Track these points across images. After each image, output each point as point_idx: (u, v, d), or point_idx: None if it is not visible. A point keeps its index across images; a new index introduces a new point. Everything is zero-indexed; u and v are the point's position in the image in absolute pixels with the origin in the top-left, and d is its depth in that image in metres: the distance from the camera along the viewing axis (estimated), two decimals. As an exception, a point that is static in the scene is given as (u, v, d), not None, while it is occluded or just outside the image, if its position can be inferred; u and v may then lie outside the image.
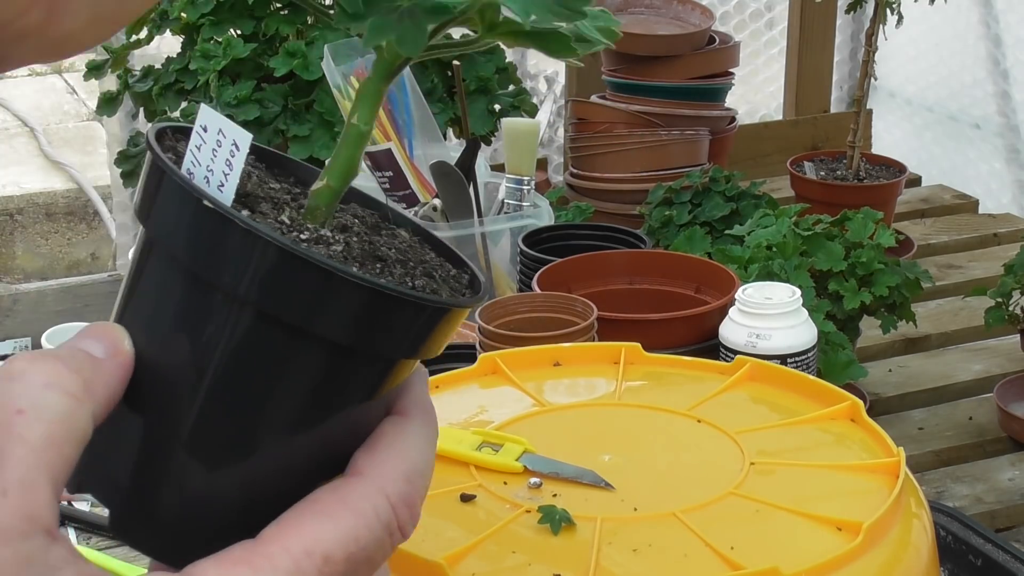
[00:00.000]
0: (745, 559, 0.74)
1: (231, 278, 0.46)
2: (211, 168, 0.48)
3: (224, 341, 0.47)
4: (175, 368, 0.48)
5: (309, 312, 0.46)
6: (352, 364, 0.48)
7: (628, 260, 1.62)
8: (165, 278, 0.48)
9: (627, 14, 2.44)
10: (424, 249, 0.54)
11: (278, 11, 2.31)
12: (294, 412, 0.48)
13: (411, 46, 0.44)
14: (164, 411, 0.48)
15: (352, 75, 1.72)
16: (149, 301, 0.49)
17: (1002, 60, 2.87)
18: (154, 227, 0.48)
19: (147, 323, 0.49)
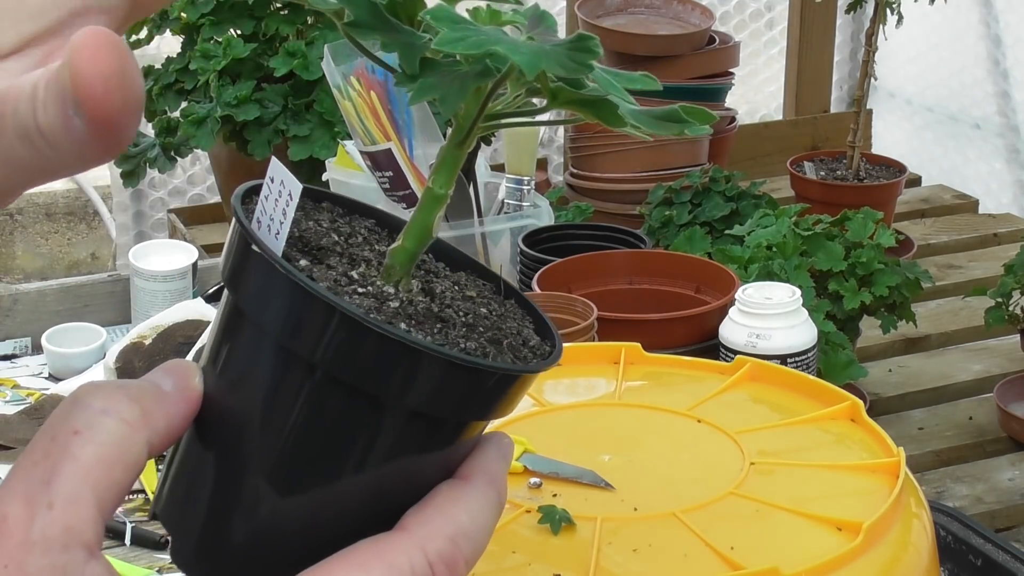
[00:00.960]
0: (745, 559, 0.74)
1: (294, 336, 0.47)
2: (272, 217, 0.49)
3: (293, 396, 0.48)
4: (248, 414, 0.49)
5: (364, 373, 0.47)
6: (391, 418, 0.49)
7: (628, 260, 1.62)
8: (243, 331, 0.50)
9: (627, 14, 2.44)
10: (517, 320, 0.54)
11: (278, 11, 2.31)
12: (355, 464, 0.49)
13: (451, 105, 0.47)
14: (236, 452, 0.50)
15: (352, 75, 1.72)
16: (222, 344, 0.51)
17: (1002, 60, 2.87)
18: (225, 274, 0.50)
19: (220, 365, 0.50)
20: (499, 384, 0.49)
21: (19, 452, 1.55)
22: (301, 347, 0.47)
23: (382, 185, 1.74)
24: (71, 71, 0.42)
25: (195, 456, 0.50)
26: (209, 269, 1.89)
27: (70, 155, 0.44)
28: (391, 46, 0.48)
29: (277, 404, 0.48)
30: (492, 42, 0.45)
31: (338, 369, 0.47)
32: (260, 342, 0.49)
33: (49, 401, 1.62)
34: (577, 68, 0.46)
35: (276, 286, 0.47)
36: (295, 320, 0.47)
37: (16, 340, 1.86)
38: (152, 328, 1.65)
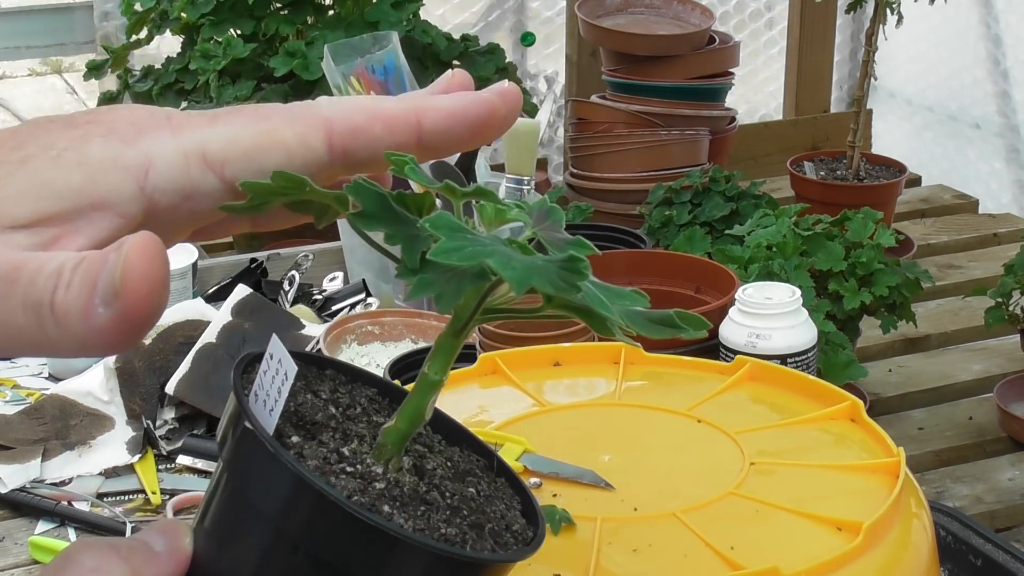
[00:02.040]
0: (745, 559, 0.74)
1: (280, 514, 0.49)
2: (268, 393, 0.51)
3: (276, 570, 0.50)
4: (225, 572, 0.50)
5: (317, 541, 0.48)
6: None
7: (628, 260, 1.62)
8: (230, 497, 0.51)
9: (627, 14, 2.44)
10: (505, 501, 0.54)
11: (278, 11, 2.31)
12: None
13: (446, 303, 0.48)
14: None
15: (352, 75, 1.72)
16: (214, 508, 0.52)
17: (1002, 60, 2.87)
18: (224, 453, 0.51)
19: (210, 527, 0.51)
20: (474, 571, 0.50)
21: (19, 452, 1.55)
22: (286, 524, 0.48)
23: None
24: (124, 267, 0.45)
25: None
26: (209, 269, 1.89)
27: (75, 338, 0.46)
28: (395, 238, 0.50)
29: (247, 564, 0.50)
30: (486, 255, 0.47)
31: (318, 549, 0.48)
32: (247, 512, 0.50)
33: (49, 401, 1.62)
34: (566, 288, 0.48)
35: (264, 463, 0.48)
36: (281, 498, 0.48)
37: (16, 340, 1.86)
38: (152, 328, 1.65)
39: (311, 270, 1.88)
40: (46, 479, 1.52)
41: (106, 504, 1.48)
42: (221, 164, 0.51)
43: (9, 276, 0.46)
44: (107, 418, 1.60)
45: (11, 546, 1.44)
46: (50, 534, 1.44)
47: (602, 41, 2.40)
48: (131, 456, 1.55)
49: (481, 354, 0.99)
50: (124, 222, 0.49)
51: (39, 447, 1.56)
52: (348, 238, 1.95)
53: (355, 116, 0.52)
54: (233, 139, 0.51)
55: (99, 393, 1.62)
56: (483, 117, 0.53)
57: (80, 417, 1.60)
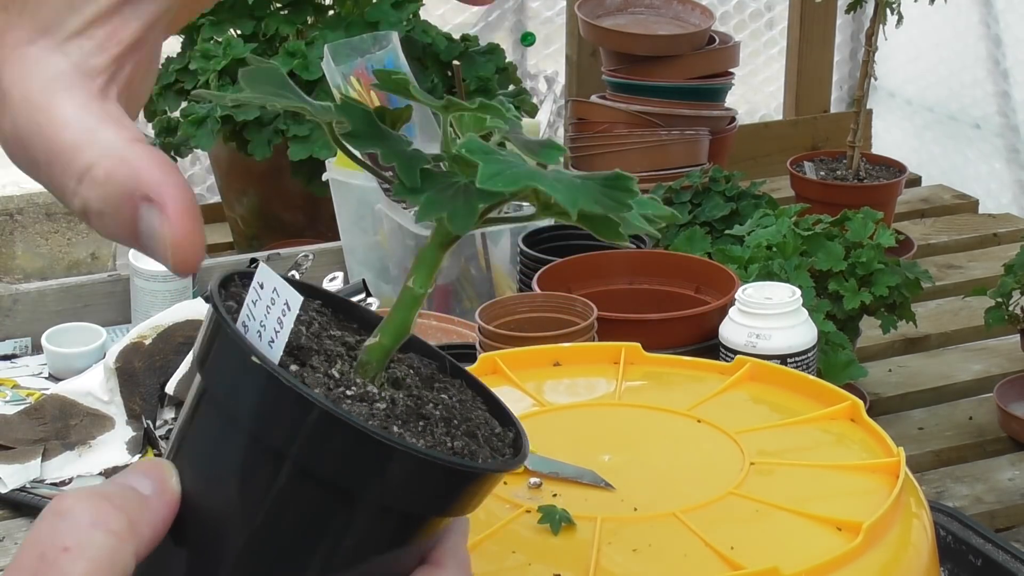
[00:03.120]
0: (745, 559, 0.74)
1: (273, 433, 0.48)
2: (263, 324, 0.50)
3: (263, 491, 0.49)
4: (220, 510, 0.49)
5: (345, 471, 0.48)
6: (385, 519, 0.49)
7: (628, 260, 1.62)
8: (214, 424, 0.50)
9: (627, 14, 2.44)
10: (475, 404, 0.55)
11: (278, 11, 2.31)
12: (327, 559, 0.49)
13: (461, 224, 0.47)
14: (207, 549, 0.50)
15: (352, 75, 1.72)
16: (199, 443, 0.51)
17: (1002, 60, 2.87)
18: (206, 375, 0.50)
19: (197, 464, 0.50)
20: (485, 481, 0.51)
21: (19, 452, 1.55)
22: (304, 458, 0.48)
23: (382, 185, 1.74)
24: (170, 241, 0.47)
25: (164, 554, 0.50)
26: (209, 269, 1.89)
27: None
28: (389, 156, 0.49)
29: (250, 497, 0.49)
30: (532, 178, 0.45)
31: (341, 478, 0.48)
32: (252, 448, 0.49)
33: (49, 401, 1.62)
34: (616, 207, 0.47)
35: (280, 399, 0.47)
36: (304, 433, 0.47)
37: (16, 340, 1.86)
38: (152, 328, 1.65)
39: (311, 270, 1.88)
40: (46, 479, 1.52)
41: (106, 504, 1.48)
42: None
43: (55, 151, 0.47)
44: (107, 418, 1.60)
45: (11, 546, 1.44)
46: (50, 534, 1.44)
47: (602, 41, 2.40)
48: (131, 456, 1.55)
49: (481, 354, 0.99)
50: (159, 5, 0.49)
51: (39, 447, 1.56)
52: (348, 238, 1.95)
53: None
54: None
55: (99, 393, 1.62)
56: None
57: (80, 417, 1.60)
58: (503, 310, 1.43)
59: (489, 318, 1.40)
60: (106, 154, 0.47)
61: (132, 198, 0.47)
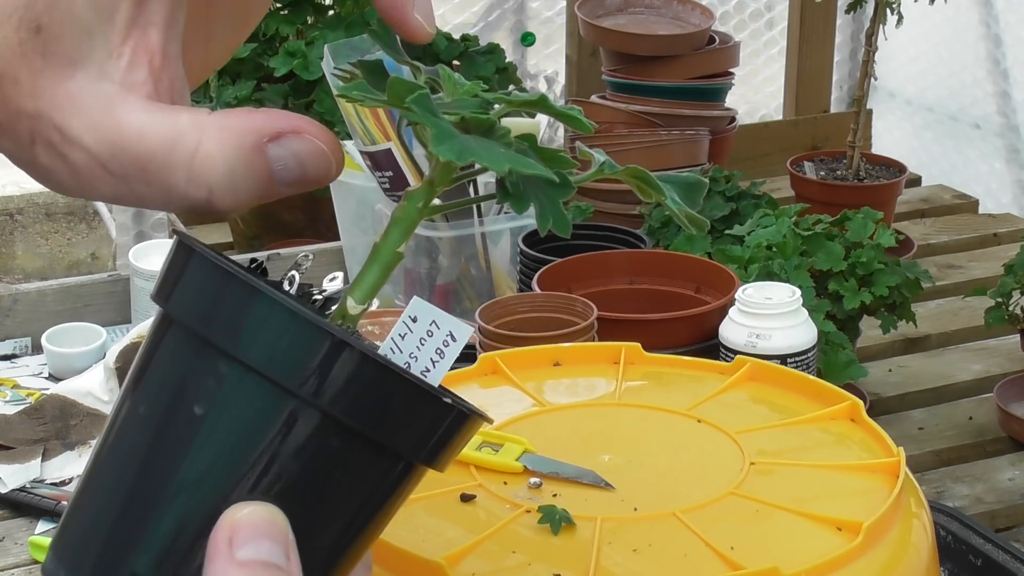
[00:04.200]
0: (745, 559, 0.74)
1: (302, 380, 0.47)
2: (415, 355, 0.50)
3: (282, 440, 0.48)
4: (235, 462, 0.48)
5: (368, 411, 0.48)
6: (387, 464, 0.50)
7: (628, 260, 1.62)
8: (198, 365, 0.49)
9: (627, 14, 2.44)
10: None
11: (278, 11, 2.31)
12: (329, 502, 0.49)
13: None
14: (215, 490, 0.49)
15: (352, 75, 1.72)
16: (167, 383, 0.50)
17: (1002, 60, 2.87)
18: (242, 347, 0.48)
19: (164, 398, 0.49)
20: (465, 423, 0.51)
21: (19, 452, 1.55)
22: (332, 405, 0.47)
23: (382, 185, 1.74)
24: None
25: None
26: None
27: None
28: (498, 161, 0.48)
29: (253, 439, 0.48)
30: (471, 152, 0.47)
31: (347, 412, 0.48)
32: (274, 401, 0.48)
33: (49, 401, 1.62)
34: (695, 205, 0.52)
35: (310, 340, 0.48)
36: (339, 378, 0.47)
37: (16, 340, 1.86)
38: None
39: (311, 270, 1.87)
40: (46, 479, 1.52)
41: (106, 504, 1.48)
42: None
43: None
44: (107, 418, 1.60)
45: (11, 546, 1.44)
46: (50, 534, 1.44)
47: (602, 41, 2.40)
48: (131, 456, 1.55)
49: (481, 354, 0.99)
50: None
51: (39, 447, 1.56)
52: (348, 238, 1.95)
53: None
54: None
55: (99, 393, 1.62)
56: None
57: (80, 417, 1.60)
58: (503, 310, 1.43)
59: (489, 318, 1.40)
60: (203, 132, 0.47)
61: (259, 147, 0.47)
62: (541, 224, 0.49)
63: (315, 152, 0.48)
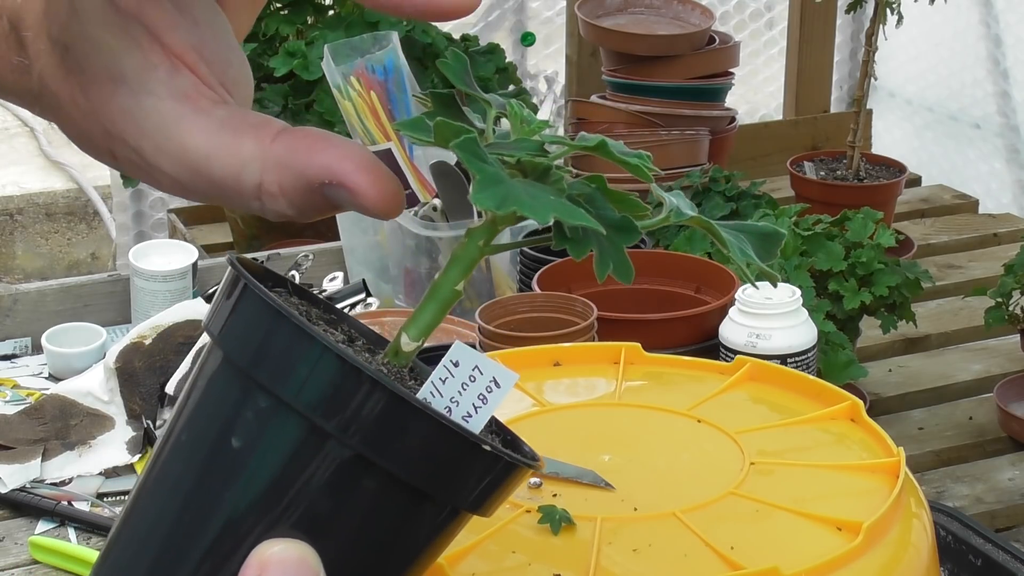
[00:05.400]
0: (745, 559, 0.74)
1: (340, 421, 0.47)
2: (455, 400, 0.50)
3: (314, 474, 0.48)
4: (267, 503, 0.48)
5: (403, 454, 0.48)
6: (427, 509, 0.49)
7: (628, 260, 1.62)
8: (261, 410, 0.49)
9: (627, 14, 2.44)
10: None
11: (278, 11, 2.31)
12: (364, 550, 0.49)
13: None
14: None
15: (352, 75, 1.72)
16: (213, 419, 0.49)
17: (1002, 60, 2.87)
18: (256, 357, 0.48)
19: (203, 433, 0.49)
20: (512, 474, 0.51)
21: (19, 452, 1.55)
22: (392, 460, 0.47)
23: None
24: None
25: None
26: (209, 269, 1.89)
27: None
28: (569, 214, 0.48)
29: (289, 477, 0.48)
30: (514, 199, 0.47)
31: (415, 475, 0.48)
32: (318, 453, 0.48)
33: (49, 401, 1.62)
34: (770, 257, 0.54)
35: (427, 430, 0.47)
36: (409, 442, 0.47)
37: (16, 340, 1.86)
38: (152, 328, 1.65)
39: (311, 270, 1.88)
40: (46, 479, 1.52)
41: (106, 504, 1.48)
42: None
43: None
44: (107, 418, 1.60)
45: (11, 546, 1.44)
46: (50, 534, 1.44)
47: (602, 41, 2.40)
48: (131, 456, 1.55)
49: (481, 354, 0.99)
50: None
51: (39, 447, 1.56)
52: (348, 238, 1.95)
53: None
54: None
55: (99, 393, 1.62)
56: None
57: (80, 417, 1.60)
58: (503, 310, 1.43)
59: (489, 318, 1.40)
60: (263, 166, 0.47)
61: (314, 191, 0.48)
62: (599, 271, 0.49)
63: (366, 204, 0.49)
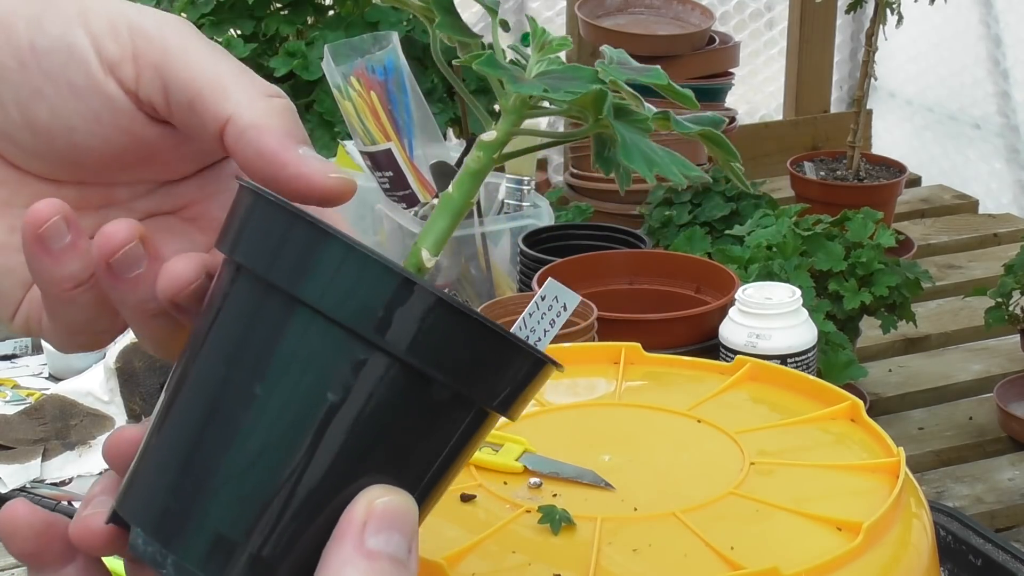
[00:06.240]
0: (745, 559, 0.74)
1: (387, 331, 0.47)
2: (533, 329, 0.54)
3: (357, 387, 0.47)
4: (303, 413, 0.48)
5: (452, 364, 0.48)
6: (459, 409, 0.49)
7: (628, 260, 1.62)
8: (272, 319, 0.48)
9: (627, 14, 2.44)
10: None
11: (278, 11, 2.31)
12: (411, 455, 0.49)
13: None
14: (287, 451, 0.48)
15: (352, 75, 1.72)
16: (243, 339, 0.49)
17: (1002, 60, 2.87)
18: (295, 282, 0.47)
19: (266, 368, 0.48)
20: (540, 371, 0.52)
21: (19, 452, 1.55)
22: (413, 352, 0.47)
23: (382, 185, 1.74)
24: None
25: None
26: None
27: None
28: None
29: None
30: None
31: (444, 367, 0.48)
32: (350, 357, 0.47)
33: (49, 401, 1.62)
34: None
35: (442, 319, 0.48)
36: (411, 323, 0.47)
37: (16, 340, 1.86)
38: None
39: (311, 270, 1.88)
40: (46, 479, 1.52)
41: (106, 504, 1.48)
42: None
43: None
44: (107, 418, 1.60)
45: (11, 546, 1.44)
46: (50, 534, 1.44)
47: (602, 41, 2.40)
48: (131, 456, 1.55)
49: (481, 354, 0.99)
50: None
51: (39, 447, 1.56)
52: (348, 238, 1.94)
53: None
54: None
55: (99, 393, 1.62)
56: None
57: (80, 417, 1.60)
58: (503, 310, 1.43)
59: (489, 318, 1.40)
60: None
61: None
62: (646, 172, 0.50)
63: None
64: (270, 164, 0.49)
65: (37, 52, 0.51)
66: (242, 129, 0.49)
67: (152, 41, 0.51)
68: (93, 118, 0.51)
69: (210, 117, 0.50)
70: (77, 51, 0.51)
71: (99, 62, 0.51)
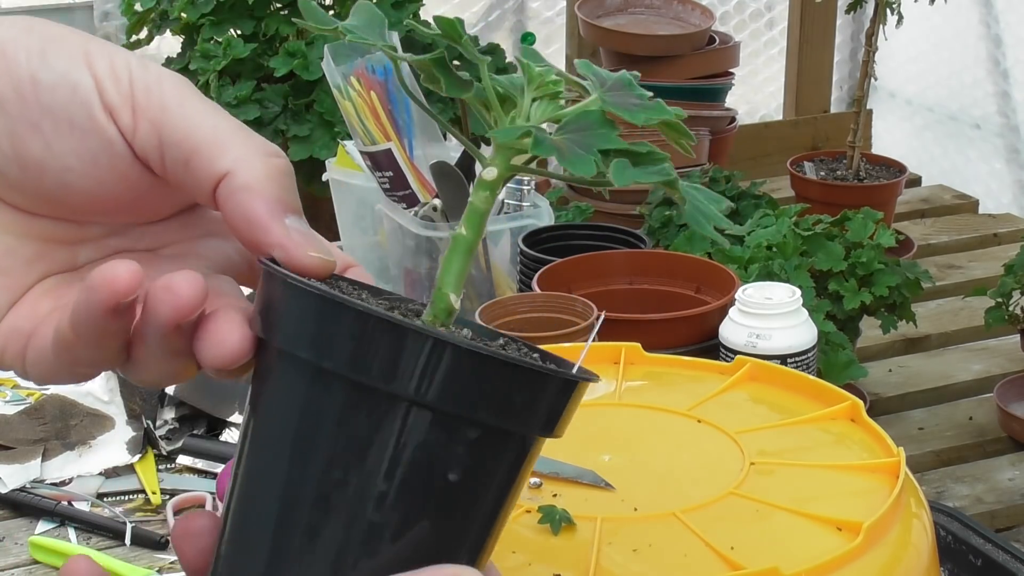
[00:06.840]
0: (745, 559, 0.74)
1: (410, 384, 0.47)
2: None
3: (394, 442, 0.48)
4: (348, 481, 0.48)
5: (487, 403, 0.48)
6: (501, 443, 0.50)
7: (628, 260, 1.62)
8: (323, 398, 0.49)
9: (627, 14, 2.44)
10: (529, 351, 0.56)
11: (278, 11, 2.31)
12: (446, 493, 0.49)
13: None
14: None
15: (352, 75, 1.72)
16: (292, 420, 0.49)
17: (1002, 60, 2.87)
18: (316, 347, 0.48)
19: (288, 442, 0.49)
20: (574, 390, 0.51)
21: (19, 452, 1.55)
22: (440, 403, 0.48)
23: (382, 185, 1.74)
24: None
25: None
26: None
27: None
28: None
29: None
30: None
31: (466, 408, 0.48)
32: (376, 408, 0.48)
33: (49, 401, 1.62)
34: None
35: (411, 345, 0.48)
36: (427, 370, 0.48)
37: (16, 340, 1.86)
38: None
39: (311, 270, 1.88)
40: (46, 479, 1.52)
41: (106, 504, 1.48)
42: None
43: None
44: (107, 418, 1.60)
45: (11, 546, 1.44)
46: (50, 534, 1.44)
47: (602, 41, 2.40)
48: (131, 456, 1.55)
49: (481, 354, 0.99)
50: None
51: (39, 447, 1.56)
52: (348, 238, 1.95)
53: None
54: None
55: (99, 393, 1.62)
56: None
57: (80, 417, 1.60)
58: (503, 310, 1.43)
59: (489, 318, 1.40)
60: None
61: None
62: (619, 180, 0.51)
63: None
64: (255, 229, 0.49)
65: (38, 86, 0.50)
66: (234, 189, 0.49)
67: (151, 95, 0.50)
68: (90, 159, 0.50)
69: (205, 173, 0.49)
70: (81, 90, 0.50)
71: (101, 104, 0.50)
